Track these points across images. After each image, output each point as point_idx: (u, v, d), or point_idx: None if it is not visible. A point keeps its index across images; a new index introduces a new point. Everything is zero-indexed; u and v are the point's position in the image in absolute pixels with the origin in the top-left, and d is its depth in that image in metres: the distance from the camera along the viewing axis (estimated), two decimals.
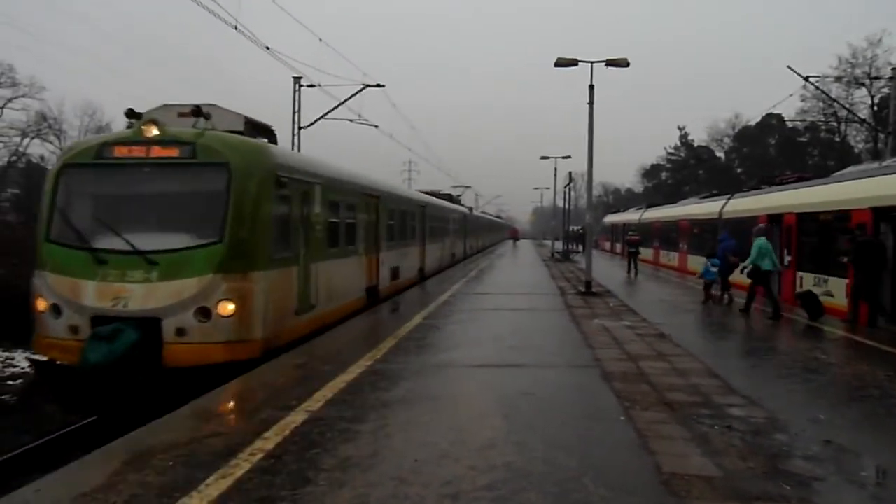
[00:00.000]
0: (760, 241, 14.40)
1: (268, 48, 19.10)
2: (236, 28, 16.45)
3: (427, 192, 29.06)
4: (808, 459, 5.26)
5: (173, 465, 5.01)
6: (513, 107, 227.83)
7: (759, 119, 59.09)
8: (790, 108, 76.61)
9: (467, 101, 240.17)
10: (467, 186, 46.92)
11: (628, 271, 26.53)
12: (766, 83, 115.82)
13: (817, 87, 35.83)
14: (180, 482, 4.62)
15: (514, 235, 74.41)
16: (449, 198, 36.04)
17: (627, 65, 18.40)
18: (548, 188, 60.50)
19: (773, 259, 14.38)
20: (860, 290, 12.63)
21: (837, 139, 57.18)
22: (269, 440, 5.52)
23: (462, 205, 41.49)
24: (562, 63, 18.56)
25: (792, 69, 24.22)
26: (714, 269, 16.70)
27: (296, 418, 6.14)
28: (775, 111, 54.41)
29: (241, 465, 4.95)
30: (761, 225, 16.82)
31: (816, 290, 14.59)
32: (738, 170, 70.13)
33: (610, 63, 18.45)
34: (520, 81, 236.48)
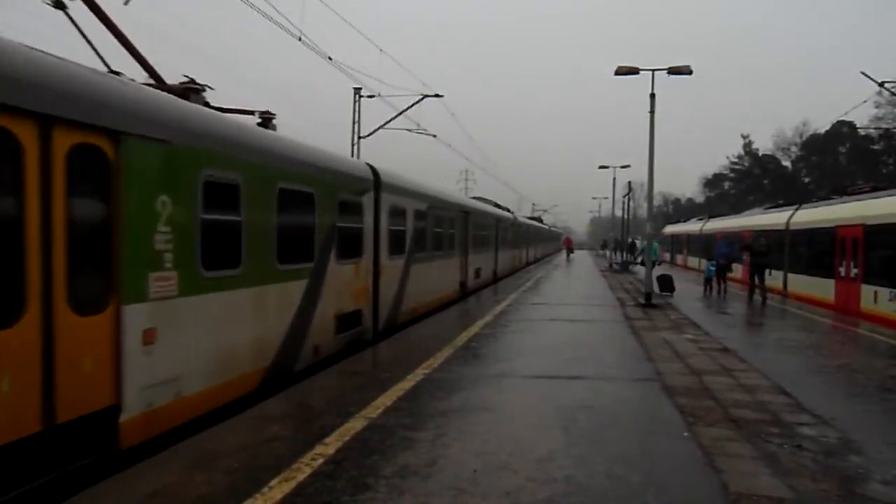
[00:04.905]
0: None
1: (330, 59, 19.49)
2: (300, 40, 16.84)
3: None
4: (886, 484, 5.00)
5: (239, 466, 5.14)
6: (570, 113, 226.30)
7: (828, 127, 56.88)
8: (863, 116, 73.42)
9: (526, 110, 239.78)
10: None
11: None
12: (837, 90, 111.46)
13: (893, 93, 34.21)
14: (246, 484, 4.74)
15: (569, 246, 69.24)
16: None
17: (690, 72, 17.91)
18: (606, 198, 59.60)
19: (655, 253, 24.05)
20: None
21: None
22: (330, 445, 5.60)
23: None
24: (622, 71, 18.28)
25: (866, 74, 23.20)
26: (712, 269, 22.33)
27: (355, 425, 6.22)
28: (847, 118, 52.18)
29: (303, 469, 5.04)
30: (653, 234, 22.21)
31: (893, 305, 14.31)
32: (806, 179, 67.62)
33: (672, 71, 18.00)
34: (578, 88, 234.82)
